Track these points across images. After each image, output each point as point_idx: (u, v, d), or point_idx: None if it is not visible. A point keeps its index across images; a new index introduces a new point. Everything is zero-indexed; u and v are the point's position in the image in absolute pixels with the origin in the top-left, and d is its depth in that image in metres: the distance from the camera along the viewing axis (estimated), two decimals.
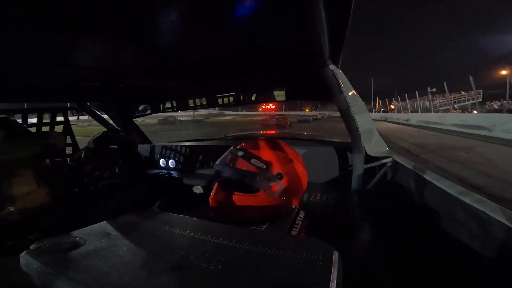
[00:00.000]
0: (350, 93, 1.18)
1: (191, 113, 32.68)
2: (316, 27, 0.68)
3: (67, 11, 0.60)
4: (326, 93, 1.24)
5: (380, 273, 0.68)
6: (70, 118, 1.67)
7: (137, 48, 0.94)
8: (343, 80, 1.14)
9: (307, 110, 51.46)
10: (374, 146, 1.33)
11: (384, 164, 1.28)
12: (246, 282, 0.42)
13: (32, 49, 0.86)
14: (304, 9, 0.60)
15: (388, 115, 30.61)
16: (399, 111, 29.97)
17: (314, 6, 0.59)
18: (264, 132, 4.84)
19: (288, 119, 22.75)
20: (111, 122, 2.05)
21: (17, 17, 0.60)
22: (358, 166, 1.32)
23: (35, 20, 0.63)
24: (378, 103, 44.73)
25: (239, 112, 52.00)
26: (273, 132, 5.58)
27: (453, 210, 0.73)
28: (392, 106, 33.48)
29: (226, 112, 48.21)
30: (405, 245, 0.96)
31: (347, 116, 1.22)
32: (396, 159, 1.25)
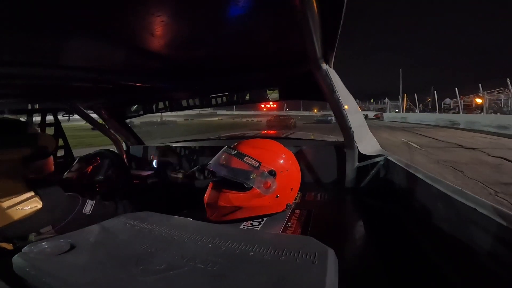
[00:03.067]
0: (342, 93, 1.19)
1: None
2: (308, 27, 0.68)
3: (58, 13, 0.59)
4: (319, 93, 1.25)
5: (375, 270, 0.69)
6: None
7: (130, 49, 0.93)
8: (335, 79, 1.15)
9: (315, 110, 45.82)
10: (366, 144, 1.35)
11: (377, 162, 1.30)
12: (242, 282, 0.43)
13: (23, 51, 0.84)
14: (296, 9, 0.61)
15: (463, 117, 17.10)
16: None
17: (306, 7, 0.60)
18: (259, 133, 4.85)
19: (293, 120, 19.97)
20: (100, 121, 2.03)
21: (7, 19, 0.59)
22: (351, 165, 1.33)
23: (25, 22, 0.62)
24: (406, 100, 34.72)
25: (233, 112, 46.45)
26: (268, 132, 5.58)
27: (445, 208, 0.75)
28: (479, 101, 20.27)
29: (219, 112, 43.81)
30: (398, 243, 0.97)
31: (339, 115, 1.23)
32: (389, 158, 1.27)
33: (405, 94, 34.83)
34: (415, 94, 28.70)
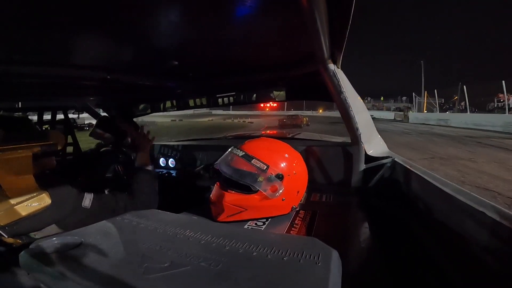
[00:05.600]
0: (350, 93, 1.18)
1: None
2: (316, 27, 0.68)
3: (67, 11, 0.60)
4: (326, 93, 1.24)
5: (379, 272, 0.68)
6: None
7: (138, 49, 0.94)
8: (343, 80, 1.14)
9: (320, 110, 41.45)
10: (374, 146, 1.33)
11: (384, 164, 1.28)
12: (245, 282, 0.42)
13: (33, 50, 0.86)
14: (304, 9, 0.60)
15: None
16: None
17: (314, 7, 0.59)
18: (264, 132, 4.82)
19: (306, 118, 18.54)
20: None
21: (18, 19, 0.61)
22: (358, 166, 1.32)
23: (35, 22, 0.64)
24: (426, 97, 25.40)
25: (230, 112, 39.29)
26: (274, 132, 5.56)
27: (452, 211, 0.73)
28: None
29: (214, 112, 38.97)
30: (404, 245, 0.96)
31: (346, 116, 1.22)
32: (396, 160, 1.25)
33: (426, 91, 25.41)
34: (464, 86, 17.19)
